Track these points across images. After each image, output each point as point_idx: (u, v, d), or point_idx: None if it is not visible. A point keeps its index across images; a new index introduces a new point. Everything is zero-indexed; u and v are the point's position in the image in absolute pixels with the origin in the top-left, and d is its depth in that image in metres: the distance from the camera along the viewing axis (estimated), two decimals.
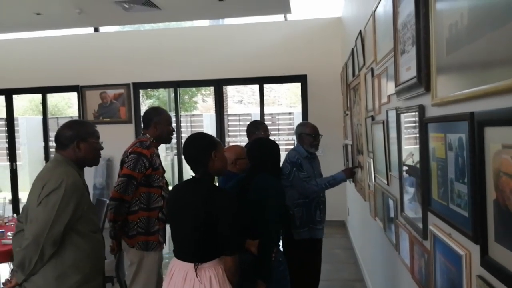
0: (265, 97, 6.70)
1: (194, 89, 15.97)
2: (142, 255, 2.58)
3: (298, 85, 16.28)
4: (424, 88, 1.53)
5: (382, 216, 2.72)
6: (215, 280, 1.84)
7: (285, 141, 12.66)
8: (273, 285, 2.19)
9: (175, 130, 2.90)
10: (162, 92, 15.61)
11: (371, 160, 3.08)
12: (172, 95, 13.80)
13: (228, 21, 7.49)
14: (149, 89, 13.07)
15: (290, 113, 14.18)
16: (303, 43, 6.20)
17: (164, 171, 2.73)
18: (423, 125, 1.58)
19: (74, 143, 1.98)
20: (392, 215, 2.36)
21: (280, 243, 2.55)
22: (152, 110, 2.80)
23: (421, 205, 1.69)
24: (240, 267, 1.95)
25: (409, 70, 1.76)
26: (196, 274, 1.84)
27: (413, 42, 1.67)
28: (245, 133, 3.62)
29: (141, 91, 6.94)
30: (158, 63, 6.48)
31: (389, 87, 2.28)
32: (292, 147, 12.88)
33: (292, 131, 13.34)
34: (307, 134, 3.11)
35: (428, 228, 1.64)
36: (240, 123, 13.84)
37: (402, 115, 2.01)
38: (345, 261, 4.60)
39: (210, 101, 17.34)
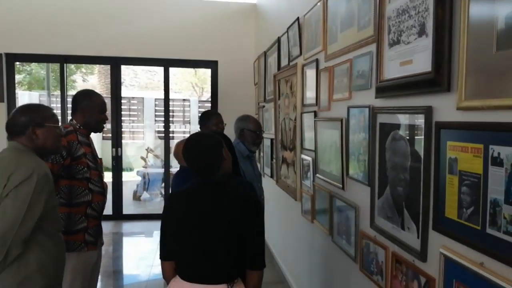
0: (148, 81, 6.13)
1: (73, 66, 14.25)
2: None
3: (190, 71, 15.66)
4: (446, 87, 1.29)
5: (327, 221, 2.51)
6: None
7: (181, 130, 12.08)
8: None
9: (108, 118, 2.42)
10: (35, 67, 13.61)
11: (310, 158, 2.86)
12: (45, 71, 12.06)
13: None
14: (24, 63, 11.28)
15: (185, 100, 13.56)
16: (215, 27, 5.75)
17: (95, 160, 2.32)
18: (436, 130, 1.35)
19: (29, 130, 1.76)
20: (349, 223, 2.14)
21: None
22: (81, 94, 2.40)
23: (418, 223, 1.48)
24: None
25: (407, 65, 1.52)
26: None
27: (420, 31, 1.43)
28: (136, 119, 3.12)
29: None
30: (42, 31, 5.39)
31: (356, 82, 2.04)
32: (186, 135, 12.21)
33: (188, 119, 12.78)
34: (250, 130, 2.74)
35: (428, 248, 1.43)
36: (131, 107, 12.80)
37: (379, 115, 1.78)
38: None
39: (93, 80, 15.73)
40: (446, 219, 1.31)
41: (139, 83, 16.50)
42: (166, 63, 5.86)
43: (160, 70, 5.90)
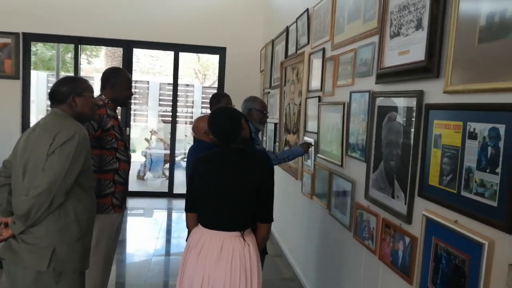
0: (150, 66, 6.32)
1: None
2: None
3: (192, 56, 15.77)
4: (435, 74, 1.51)
5: (326, 197, 2.75)
6: (253, 247, 1.89)
7: (183, 114, 12.28)
8: None
9: (133, 94, 2.65)
10: (41, 48, 13.72)
11: (312, 140, 3.09)
12: (53, 52, 12.12)
13: None
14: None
15: (188, 85, 13.75)
16: (225, 14, 5.93)
17: (121, 132, 2.54)
18: (425, 111, 1.58)
19: (70, 98, 1.98)
20: (346, 196, 2.38)
21: None
22: (111, 70, 2.61)
23: (406, 191, 1.71)
24: None
25: (405, 54, 1.74)
26: (245, 240, 1.86)
27: (418, 25, 1.65)
28: (138, 102, 3.35)
29: None
30: (58, 12, 5.56)
31: (359, 69, 2.26)
32: (187, 120, 12.36)
33: (191, 104, 12.99)
34: (257, 110, 2.97)
35: (413, 212, 1.67)
36: (135, 90, 13.00)
37: (378, 99, 2.01)
38: None
39: (98, 63, 15.87)
40: (429, 186, 1.55)
41: (141, 68, 16.72)
42: (177, 48, 6.05)
43: (162, 56, 6.09)
